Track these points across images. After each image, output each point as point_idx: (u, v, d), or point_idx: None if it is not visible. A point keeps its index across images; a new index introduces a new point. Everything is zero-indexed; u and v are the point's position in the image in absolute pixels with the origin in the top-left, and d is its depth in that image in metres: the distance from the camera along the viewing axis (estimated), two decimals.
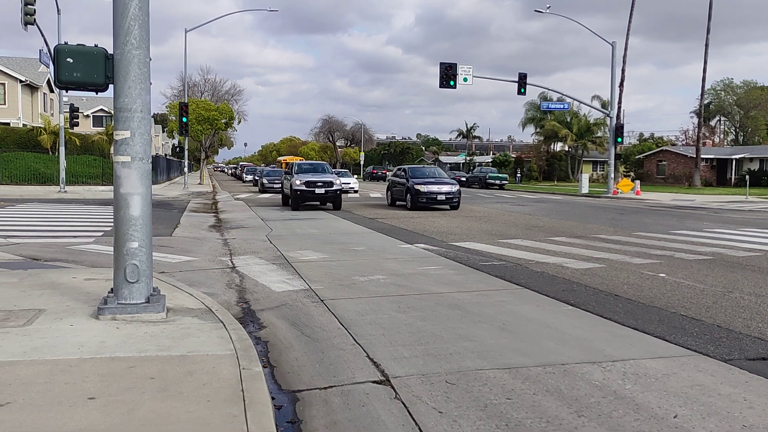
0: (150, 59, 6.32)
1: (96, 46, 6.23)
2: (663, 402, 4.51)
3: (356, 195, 35.85)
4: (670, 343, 6.05)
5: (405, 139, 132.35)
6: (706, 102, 62.95)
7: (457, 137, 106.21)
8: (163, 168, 51.30)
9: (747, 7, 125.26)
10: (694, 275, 9.77)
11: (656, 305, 7.69)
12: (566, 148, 68.02)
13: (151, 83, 6.39)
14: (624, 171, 61.09)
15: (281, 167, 55.99)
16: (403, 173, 25.84)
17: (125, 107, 6.10)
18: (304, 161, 31.23)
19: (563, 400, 4.55)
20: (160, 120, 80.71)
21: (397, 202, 26.22)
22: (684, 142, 71.32)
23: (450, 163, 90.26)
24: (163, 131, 76.79)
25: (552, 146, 69.71)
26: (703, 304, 7.78)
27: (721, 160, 56.14)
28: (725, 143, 77.97)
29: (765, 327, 6.68)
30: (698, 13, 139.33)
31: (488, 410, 4.37)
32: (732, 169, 54.21)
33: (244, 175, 58.02)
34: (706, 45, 47.37)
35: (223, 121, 47.78)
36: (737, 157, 54.59)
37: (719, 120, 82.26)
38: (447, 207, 24.40)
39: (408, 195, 24.32)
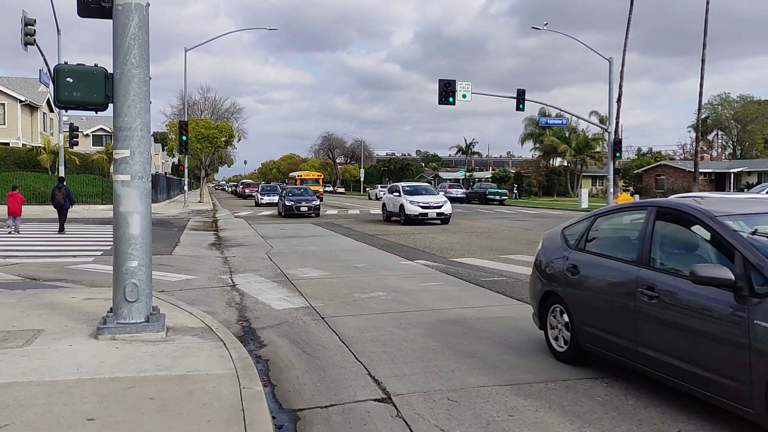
0: (150, 78, 6.37)
1: (96, 65, 6.27)
2: (666, 417, 4.46)
3: (356, 212, 35.87)
4: None
5: (405, 155, 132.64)
6: (703, 116, 63.21)
7: (456, 153, 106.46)
8: (163, 186, 51.37)
9: (744, 22, 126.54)
10: None
11: None
12: (565, 164, 68.24)
13: (150, 102, 6.42)
14: (623, 185, 61.16)
15: (295, 184, 52.23)
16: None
17: (125, 126, 6.13)
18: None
19: (566, 416, 4.51)
20: (160, 138, 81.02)
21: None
22: (682, 157, 71.54)
23: (450, 179, 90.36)
24: (163, 150, 77.05)
25: (551, 161, 69.92)
26: None
27: (720, 174, 56.27)
28: (723, 157, 78.19)
29: None
30: (695, 28, 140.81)
31: (490, 427, 4.33)
32: (730, 182, 54.30)
33: (260, 197, 44.60)
34: (703, 60, 47.69)
35: (222, 139, 47.97)
36: (735, 170, 54.72)
37: (717, 134, 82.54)
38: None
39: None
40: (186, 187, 41.69)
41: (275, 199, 40.97)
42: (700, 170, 51.74)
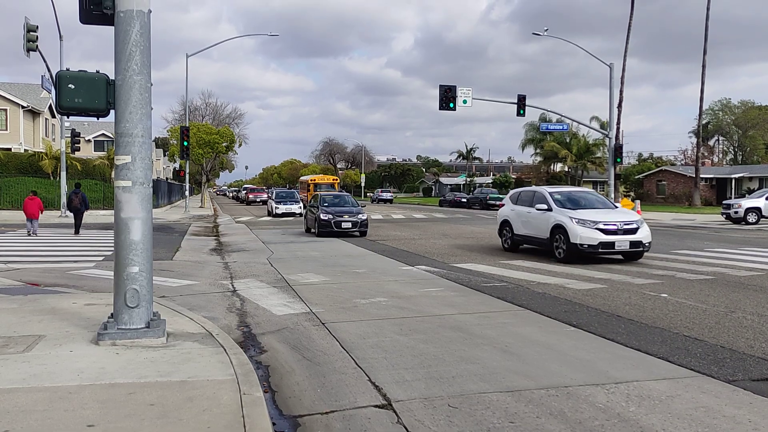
0: (151, 84, 6.39)
1: (97, 72, 6.29)
2: (667, 424, 4.46)
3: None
4: (674, 364, 6.01)
5: (405, 160, 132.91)
6: (704, 122, 63.32)
7: (457, 158, 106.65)
8: (164, 192, 51.43)
9: (745, 28, 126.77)
10: (696, 295, 9.73)
11: (658, 326, 7.65)
12: (566, 169, 68.19)
13: (152, 108, 6.45)
14: (624, 191, 61.10)
15: (308, 189, 45.94)
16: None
17: (126, 132, 6.14)
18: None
19: (567, 423, 4.50)
20: (161, 144, 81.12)
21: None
22: (683, 162, 71.53)
23: (450, 185, 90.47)
24: (165, 155, 77.13)
25: (552, 167, 69.91)
26: (705, 324, 7.74)
27: (721, 180, 56.23)
28: (724, 162, 78.20)
29: None
30: (696, 34, 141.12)
31: None
32: (731, 188, 54.24)
33: (274, 205, 35.74)
34: (703, 66, 47.81)
35: (224, 144, 48.02)
36: (736, 176, 54.67)
37: (718, 140, 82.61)
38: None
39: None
40: (187, 193, 41.70)
41: (294, 208, 35.06)
42: (702, 176, 51.75)
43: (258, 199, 61.18)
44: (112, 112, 6.33)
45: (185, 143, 34.90)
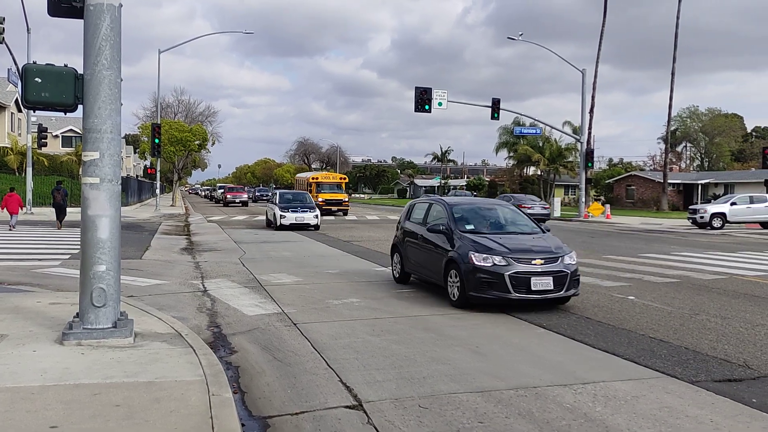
0: (121, 80, 6.28)
1: (65, 66, 6.16)
2: (632, 424, 4.55)
3: (331, 218, 35.76)
4: (639, 365, 6.12)
5: (381, 162, 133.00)
6: (672, 129, 64.65)
7: (432, 161, 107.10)
8: (134, 189, 50.61)
9: (713, 36, 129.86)
10: (662, 298, 9.93)
11: (626, 327, 7.78)
12: (539, 172, 68.97)
13: (122, 104, 6.34)
14: (594, 195, 62.10)
15: (309, 189, 37.69)
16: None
17: (95, 128, 6.03)
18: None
19: (535, 423, 4.55)
20: (132, 141, 79.83)
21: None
22: (652, 168, 72.95)
23: (425, 186, 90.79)
24: (135, 152, 75.90)
25: (525, 170, 70.65)
26: (670, 326, 7.90)
27: (688, 185, 57.49)
28: (691, 168, 79.94)
29: (730, 349, 6.80)
30: (666, 42, 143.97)
31: None
32: (698, 193, 55.50)
33: (279, 212, 24.90)
34: (672, 73, 48.85)
35: (196, 142, 47.39)
36: (703, 182, 55.97)
37: (685, 146, 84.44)
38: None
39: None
40: (158, 191, 41.10)
41: (309, 218, 24.73)
42: (669, 181, 52.84)
43: (237, 200, 53.46)
44: (80, 107, 6.21)
45: (156, 140, 34.41)
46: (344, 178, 42.55)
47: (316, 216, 25.19)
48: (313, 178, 40.00)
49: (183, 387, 4.83)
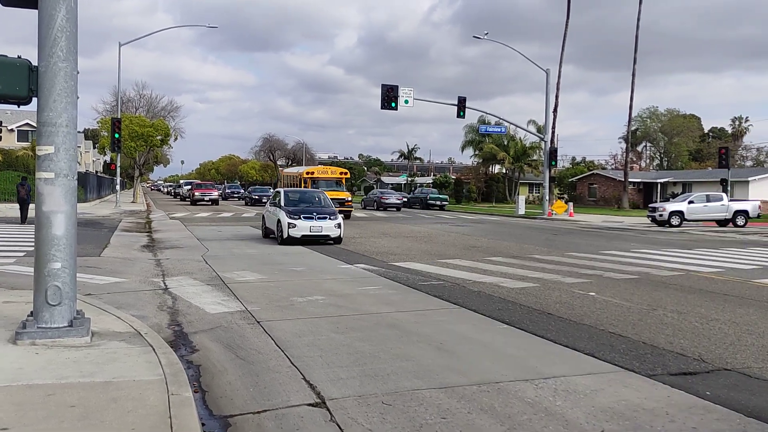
0: (78, 72, 6.11)
1: (19, 57, 5.96)
2: (591, 418, 4.63)
3: None
4: (599, 360, 6.24)
5: (347, 159, 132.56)
6: (633, 129, 66.19)
7: (398, 158, 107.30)
8: (93, 185, 49.43)
9: (673, 39, 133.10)
10: (622, 294, 10.15)
11: (586, 323, 7.93)
12: (504, 171, 69.82)
13: (78, 97, 6.16)
14: (558, 193, 63.15)
15: (303, 185, 31.82)
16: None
17: (49, 121, 5.85)
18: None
19: (497, 418, 4.60)
20: (91, 135, 77.87)
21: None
22: (613, 166, 74.57)
23: (392, 184, 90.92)
24: (95, 147, 74.05)
25: (490, 168, 71.40)
26: (629, 321, 8.08)
27: (647, 184, 58.96)
28: (651, 168, 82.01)
29: (686, 343, 6.99)
30: (628, 43, 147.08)
31: (423, 430, 4.36)
32: (657, 192, 56.97)
33: (286, 218, 17.71)
34: (633, 74, 50.03)
35: (158, 137, 46.47)
36: (662, 181, 57.48)
37: (645, 146, 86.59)
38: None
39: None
40: (118, 187, 40.19)
41: (331, 227, 18.06)
42: (630, 180, 54.11)
43: (207, 198, 47.77)
44: (34, 100, 6.01)
45: (116, 135, 33.66)
46: (345, 173, 35.77)
47: (339, 225, 17.93)
48: (307, 173, 33.68)
49: (141, 386, 4.73)
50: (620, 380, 5.57)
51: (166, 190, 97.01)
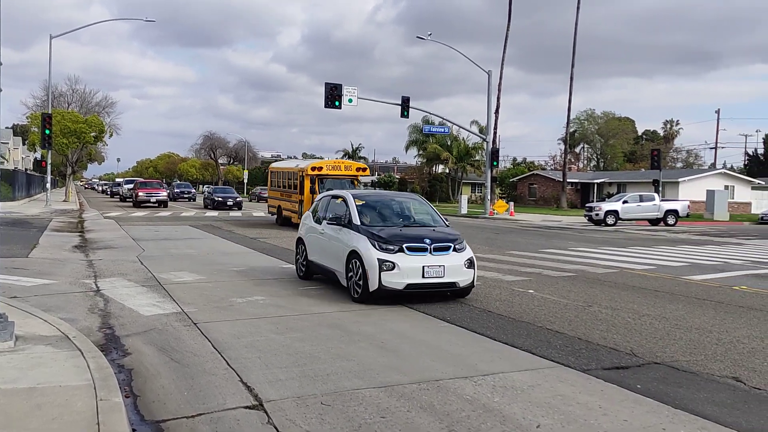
0: (1, 64, 5.78)
1: None
2: (527, 413, 4.72)
3: (238, 214, 34.90)
4: (536, 356, 6.38)
5: (291, 157, 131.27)
6: (571, 130, 68.30)
7: (342, 157, 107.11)
8: (22, 183, 47.07)
9: (609, 44, 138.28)
10: (559, 291, 10.43)
11: (525, 320, 8.09)
12: (447, 171, 70.72)
13: (1, 90, 5.83)
14: (500, 193, 64.43)
15: (301, 183, 23.24)
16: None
17: None
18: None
19: (436, 416, 4.62)
20: (20, 131, 74.15)
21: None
22: (553, 167, 76.72)
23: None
24: (24, 144, 70.53)
25: (434, 168, 72.20)
26: (566, 318, 8.30)
27: (585, 184, 60.93)
28: (588, 168, 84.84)
29: (619, 338, 7.24)
30: (566, 47, 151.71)
31: (362, 430, 4.33)
32: (594, 192, 58.95)
33: (378, 254, 8.68)
34: (571, 78, 51.52)
35: (92, 134, 44.57)
36: (598, 181, 59.54)
37: (583, 147, 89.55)
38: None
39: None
40: (49, 185, 38.40)
41: (459, 267, 9.19)
42: (568, 180, 55.76)
43: (153, 199, 39.98)
44: None
45: (47, 131, 32.15)
46: (364, 169, 26.11)
47: (470, 262, 9.62)
48: (313, 169, 23.54)
49: (68, 392, 4.51)
50: (556, 375, 5.70)
51: (101, 188, 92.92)
